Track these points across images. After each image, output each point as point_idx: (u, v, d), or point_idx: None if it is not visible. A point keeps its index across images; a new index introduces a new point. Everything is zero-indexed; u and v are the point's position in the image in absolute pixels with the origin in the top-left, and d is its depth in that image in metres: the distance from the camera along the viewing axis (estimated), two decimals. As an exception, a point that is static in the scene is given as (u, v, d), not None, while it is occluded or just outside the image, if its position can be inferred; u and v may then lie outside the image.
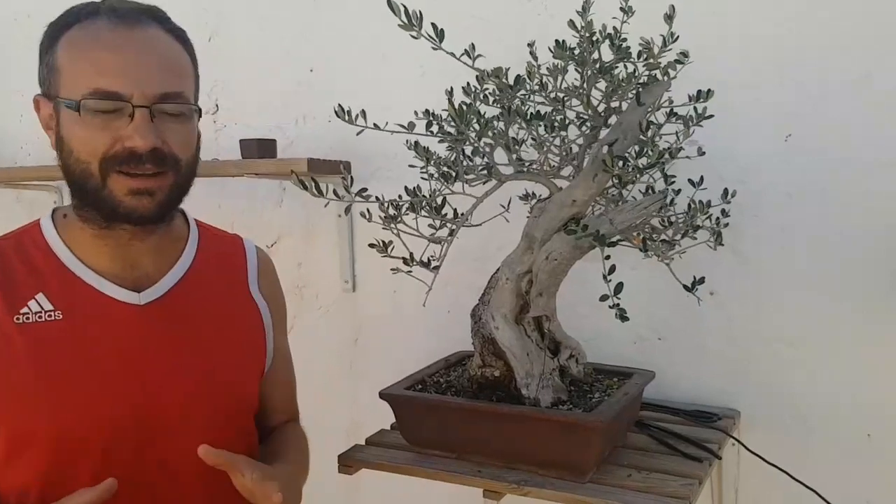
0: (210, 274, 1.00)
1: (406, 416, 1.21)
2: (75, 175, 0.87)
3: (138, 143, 0.85)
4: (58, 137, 0.87)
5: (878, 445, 1.35)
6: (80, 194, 0.89)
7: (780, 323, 1.40)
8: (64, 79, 0.86)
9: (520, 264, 1.15)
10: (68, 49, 0.86)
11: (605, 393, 1.20)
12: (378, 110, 1.12)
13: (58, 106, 0.86)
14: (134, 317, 0.92)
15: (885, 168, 1.30)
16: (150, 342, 0.92)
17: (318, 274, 1.85)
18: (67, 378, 0.88)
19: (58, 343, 0.88)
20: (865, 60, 1.30)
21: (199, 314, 0.97)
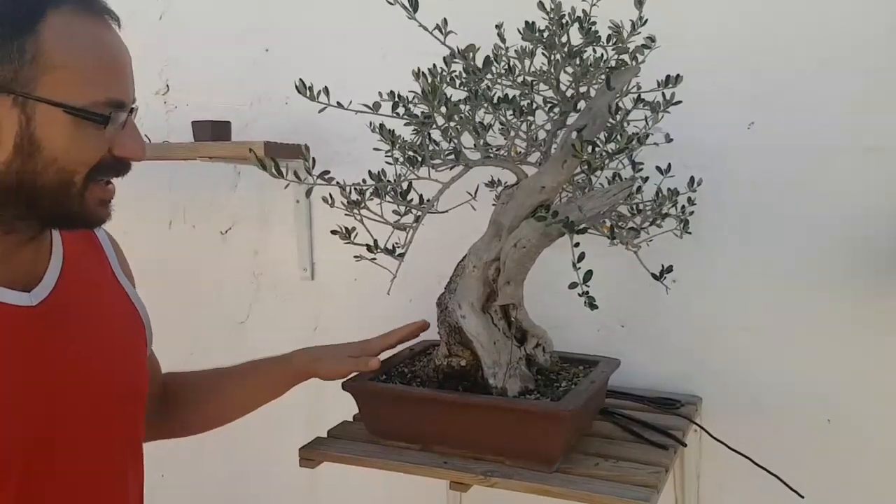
0: (81, 264, 0.94)
1: (369, 408, 1.18)
2: (46, 183, 0.78)
3: (135, 153, 0.82)
4: (24, 140, 0.77)
5: (838, 430, 1.37)
6: (35, 201, 0.79)
7: (741, 310, 1.41)
8: (58, 78, 0.76)
9: (487, 252, 1.12)
10: (63, 42, 0.77)
11: (572, 382, 1.19)
12: (337, 92, 1.09)
13: (29, 105, 0.76)
14: (28, 320, 0.83)
15: (848, 156, 1.31)
16: (48, 347, 0.84)
17: (276, 262, 1.80)
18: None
19: None
20: (830, 46, 1.31)
21: (84, 308, 0.91)
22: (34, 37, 0.75)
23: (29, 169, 0.77)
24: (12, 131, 0.76)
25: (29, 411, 0.81)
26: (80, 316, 0.90)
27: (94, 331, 0.91)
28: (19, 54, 0.75)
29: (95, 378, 0.89)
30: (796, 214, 1.36)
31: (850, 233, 1.33)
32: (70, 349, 0.87)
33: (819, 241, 1.35)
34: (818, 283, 1.36)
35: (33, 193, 0.79)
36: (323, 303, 1.77)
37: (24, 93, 0.75)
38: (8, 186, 0.78)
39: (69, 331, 0.87)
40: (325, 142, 1.67)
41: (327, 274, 1.75)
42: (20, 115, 0.76)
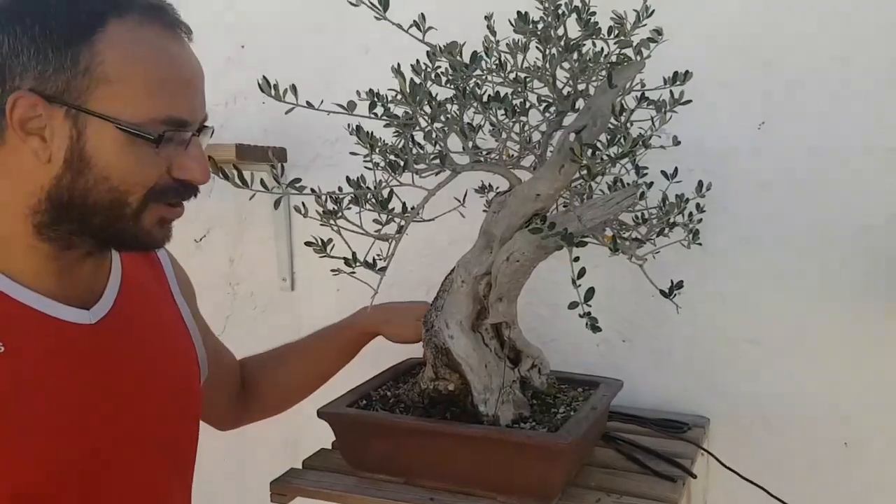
0: (140, 282, 0.91)
1: (348, 437, 1.08)
2: (98, 201, 0.74)
3: (199, 176, 0.78)
4: (75, 155, 0.72)
5: (856, 454, 1.27)
6: (87, 218, 0.75)
7: (751, 324, 1.31)
8: (113, 92, 0.72)
9: (477, 265, 1.02)
10: (122, 54, 0.72)
11: (570, 406, 1.08)
12: (318, 91, 1.00)
13: (81, 119, 0.72)
14: (86, 338, 0.80)
15: (866, 158, 1.21)
16: (105, 366, 0.81)
17: (253, 270, 1.69)
18: (20, 424, 0.73)
19: (3, 382, 0.73)
20: (846, 40, 1.21)
21: (142, 328, 0.88)
22: (90, 47, 0.71)
23: (80, 185, 0.74)
24: (63, 145, 0.72)
25: (85, 431, 0.78)
26: (138, 336, 0.87)
27: (151, 351, 0.88)
28: (73, 64, 0.71)
29: (150, 400, 0.86)
30: (810, 221, 1.26)
31: (869, 240, 1.23)
32: (126, 370, 0.84)
33: (835, 249, 1.25)
34: (834, 294, 1.26)
35: (84, 210, 0.75)
36: (304, 315, 1.66)
37: (76, 105, 0.71)
38: (60, 202, 0.74)
39: (126, 350, 0.84)
40: (305, 144, 1.57)
41: (308, 284, 1.65)
42: (72, 128, 0.72)
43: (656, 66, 1.00)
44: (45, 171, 0.73)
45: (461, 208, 1.13)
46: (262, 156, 1.36)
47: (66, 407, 0.77)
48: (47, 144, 0.72)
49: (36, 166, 0.73)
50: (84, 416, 0.78)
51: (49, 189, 0.74)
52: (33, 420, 0.74)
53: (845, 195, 1.23)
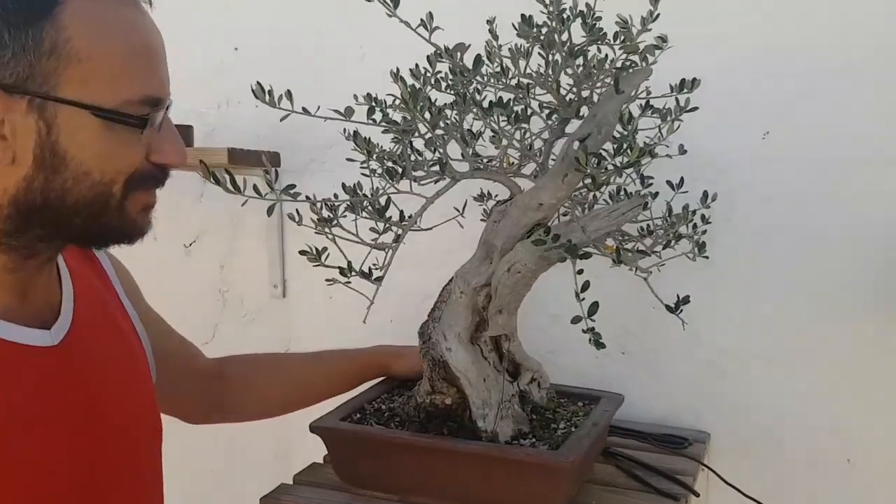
0: (90, 290, 0.82)
1: (341, 453, 1.04)
2: (80, 199, 0.66)
3: (175, 158, 0.71)
4: (46, 152, 0.63)
5: (859, 471, 1.24)
6: (67, 220, 0.67)
7: (753, 338, 1.28)
8: (84, 73, 0.63)
9: (476, 276, 0.99)
10: (89, 28, 0.63)
11: (570, 422, 1.05)
12: (312, 94, 0.96)
13: (49, 108, 0.62)
14: (52, 362, 0.71)
15: (869, 168, 1.19)
16: (74, 389, 0.73)
17: (243, 277, 1.66)
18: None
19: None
20: (851, 51, 1.19)
21: (102, 342, 0.80)
22: (52, 23, 0.61)
23: (55, 185, 0.65)
24: (30, 141, 0.63)
25: (68, 459, 0.71)
26: (100, 351, 0.79)
27: (113, 367, 0.81)
28: (35, 45, 0.61)
29: (121, 417, 0.79)
30: (815, 233, 1.23)
31: (875, 254, 1.20)
32: (94, 389, 0.76)
33: (840, 263, 1.23)
34: (838, 309, 1.23)
35: (64, 212, 0.66)
36: (295, 323, 1.62)
37: (42, 93, 0.62)
38: (31, 206, 0.65)
39: (91, 368, 0.76)
40: (298, 149, 1.53)
41: (300, 291, 1.61)
42: (38, 120, 0.62)
43: (661, 72, 0.97)
44: (8, 174, 0.64)
45: (460, 217, 1.11)
46: (256, 160, 1.33)
47: (41, 443, 0.68)
48: (9, 143, 0.62)
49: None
50: (60, 450, 0.70)
51: (15, 194, 0.64)
52: (5, 462, 0.65)
53: (847, 207, 1.21)
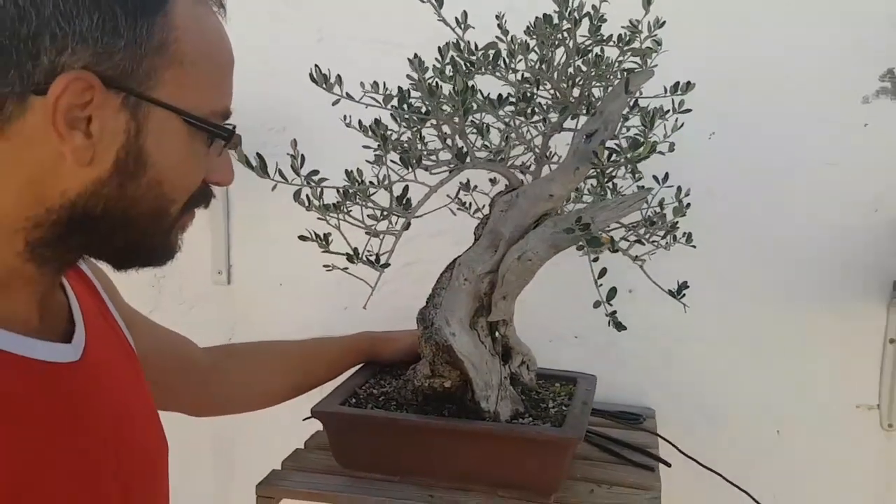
0: (86, 301, 0.77)
1: (343, 436, 1.05)
2: (144, 212, 0.61)
3: (230, 178, 0.69)
4: (131, 156, 0.59)
5: (787, 441, 1.39)
6: (119, 235, 0.62)
7: (696, 322, 1.39)
8: (184, 78, 0.60)
9: (481, 263, 1.02)
10: (196, 31, 0.61)
11: (556, 401, 1.12)
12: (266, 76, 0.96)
13: (143, 109, 0.58)
14: (76, 379, 0.65)
15: (807, 169, 1.33)
16: (101, 409, 0.67)
17: (183, 262, 1.57)
18: None
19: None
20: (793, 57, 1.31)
21: (111, 355, 0.75)
22: (164, 19, 0.58)
23: (127, 193, 0.60)
24: (116, 142, 0.58)
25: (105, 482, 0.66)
26: (112, 363, 0.73)
27: (126, 379, 0.76)
28: (147, 38, 0.57)
29: (142, 433, 0.75)
30: (755, 227, 1.36)
31: (804, 246, 1.35)
32: (118, 406, 0.71)
33: (773, 254, 1.36)
34: (771, 297, 1.37)
35: (119, 224, 0.61)
36: (241, 311, 1.59)
37: (140, 91, 0.57)
38: (88, 214, 0.59)
39: (112, 383, 0.71)
40: (248, 131, 1.49)
41: (247, 277, 1.58)
42: (129, 120, 0.58)
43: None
44: (75, 176, 0.57)
45: (452, 205, 1.14)
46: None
47: (77, 467, 0.62)
48: (92, 142, 0.56)
49: (62, 169, 0.56)
50: (97, 473, 0.65)
51: (76, 198, 0.58)
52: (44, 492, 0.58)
53: (787, 203, 1.34)
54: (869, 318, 1.34)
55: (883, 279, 1.33)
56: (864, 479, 1.37)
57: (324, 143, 1.22)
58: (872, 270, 1.33)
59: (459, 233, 1.25)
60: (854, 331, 1.35)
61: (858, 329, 1.35)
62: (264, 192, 1.05)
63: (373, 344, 1.21)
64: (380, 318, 1.27)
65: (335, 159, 0.99)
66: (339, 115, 1.06)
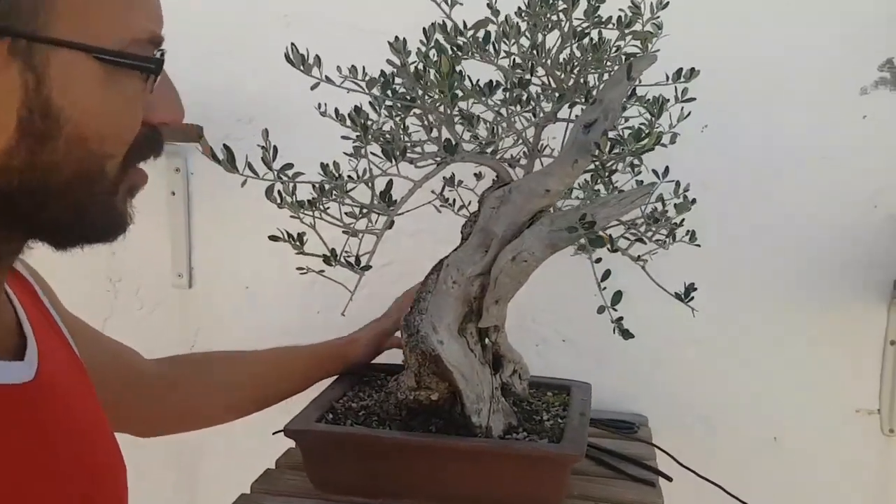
0: (29, 308, 0.66)
1: (320, 456, 0.95)
2: (69, 178, 0.49)
3: (178, 113, 0.57)
4: (36, 113, 0.47)
5: (785, 448, 1.33)
6: (46, 211, 0.50)
7: (689, 324, 1.32)
8: (87, 6, 0.48)
9: (471, 265, 0.94)
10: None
11: (550, 412, 1.04)
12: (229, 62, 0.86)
13: (39, 54, 0.46)
14: (34, 401, 0.56)
15: (799, 164, 1.27)
16: (56, 428, 0.58)
17: (140, 264, 1.49)
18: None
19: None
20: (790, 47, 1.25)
21: (63, 370, 0.65)
22: None
23: (43, 161, 0.48)
24: (13, 101, 0.46)
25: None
26: (65, 378, 0.63)
27: (80, 396, 0.65)
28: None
29: (104, 455, 0.66)
30: (749, 224, 1.30)
31: (802, 244, 1.29)
32: (77, 427, 0.62)
33: (769, 253, 1.30)
34: (768, 298, 1.31)
35: (46, 196, 0.49)
36: (203, 316, 1.48)
37: (29, 32, 0.46)
38: (3, 193, 0.48)
39: (69, 402, 0.62)
40: (212, 122, 1.39)
41: (210, 280, 1.47)
42: (25, 71, 0.46)
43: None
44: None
45: (436, 201, 1.06)
46: (184, 134, 1.18)
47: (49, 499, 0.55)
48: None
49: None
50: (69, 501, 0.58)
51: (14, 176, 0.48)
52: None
53: (782, 200, 1.28)
54: (869, 319, 1.28)
55: (883, 278, 1.27)
56: (864, 486, 1.31)
57: (295, 134, 1.13)
58: (872, 269, 1.27)
59: (439, 231, 1.17)
60: (853, 332, 1.29)
61: (858, 330, 1.29)
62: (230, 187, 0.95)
63: (342, 349, 1.12)
64: (354, 323, 1.18)
65: (308, 152, 0.89)
66: (313, 104, 0.97)
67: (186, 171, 1.43)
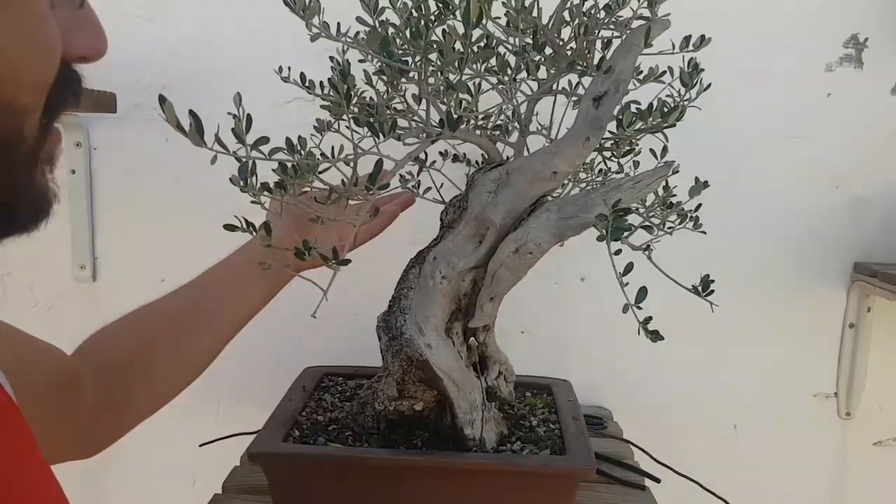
0: None
1: (292, 482, 0.82)
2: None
3: (100, 44, 0.42)
4: None
5: (744, 436, 1.30)
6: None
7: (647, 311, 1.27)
8: None
9: (464, 257, 0.82)
10: None
11: (537, 416, 0.94)
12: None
13: None
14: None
15: (768, 143, 1.23)
16: None
17: (34, 254, 1.28)
18: None
19: None
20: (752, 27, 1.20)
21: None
22: None
23: None
24: None
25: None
26: None
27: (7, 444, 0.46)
28: None
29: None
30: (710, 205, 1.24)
31: (763, 226, 1.25)
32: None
33: (729, 236, 1.25)
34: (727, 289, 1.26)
35: None
36: (110, 313, 1.28)
37: None
38: None
39: None
40: (122, 89, 1.20)
41: (118, 272, 1.28)
42: None
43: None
44: None
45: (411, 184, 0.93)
46: (94, 104, 1.00)
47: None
48: None
49: None
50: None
51: None
52: None
53: (749, 180, 1.24)
54: (828, 302, 1.27)
55: (842, 261, 1.25)
56: (822, 469, 1.30)
57: (214, 103, 0.97)
58: (832, 252, 1.25)
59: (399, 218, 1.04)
60: (813, 315, 1.27)
61: (817, 313, 1.27)
62: (137, 163, 0.78)
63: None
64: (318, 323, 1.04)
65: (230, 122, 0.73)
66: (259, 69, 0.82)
67: (88, 145, 1.23)
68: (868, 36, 1.20)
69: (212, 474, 1.35)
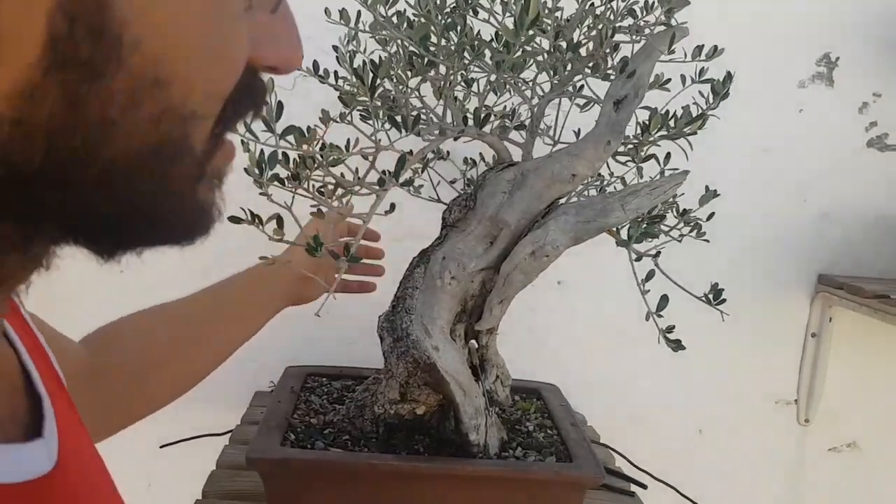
0: (25, 339, 0.45)
1: (294, 489, 0.78)
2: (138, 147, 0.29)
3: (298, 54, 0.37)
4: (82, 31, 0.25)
5: (709, 440, 1.32)
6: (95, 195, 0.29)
7: (623, 317, 1.28)
8: None
9: (475, 258, 0.80)
10: None
11: (532, 422, 0.93)
12: None
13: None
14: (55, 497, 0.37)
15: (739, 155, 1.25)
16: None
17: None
18: None
19: None
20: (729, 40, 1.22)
21: (79, 431, 0.45)
22: None
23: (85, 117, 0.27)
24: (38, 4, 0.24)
25: None
26: (86, 460, 0.43)
27: (101, 478, 0.45)
28: None
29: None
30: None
31: (730, 236, 1.27)
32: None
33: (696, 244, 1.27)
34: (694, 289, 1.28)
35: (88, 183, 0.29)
36: (61, 308, 1.19)
37: None
38: (15, 170, 0.27)
39: (90, 489, 0.42)
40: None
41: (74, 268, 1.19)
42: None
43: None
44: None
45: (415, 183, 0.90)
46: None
47: None
48: None
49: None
50: None
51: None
52: None
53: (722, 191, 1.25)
54: (792, 311, 1.30)
55: (807, 272, 1.29)
56: (781, 474, 1.34)
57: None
58: (798, 263, 1.29)
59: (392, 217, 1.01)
60: (776, 324, 1.30)
61: (781, 323, 1.30)
62: None
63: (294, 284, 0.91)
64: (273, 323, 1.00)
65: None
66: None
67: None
68: (839, 55, 1.24)
69: (167, 476, 1.28)
